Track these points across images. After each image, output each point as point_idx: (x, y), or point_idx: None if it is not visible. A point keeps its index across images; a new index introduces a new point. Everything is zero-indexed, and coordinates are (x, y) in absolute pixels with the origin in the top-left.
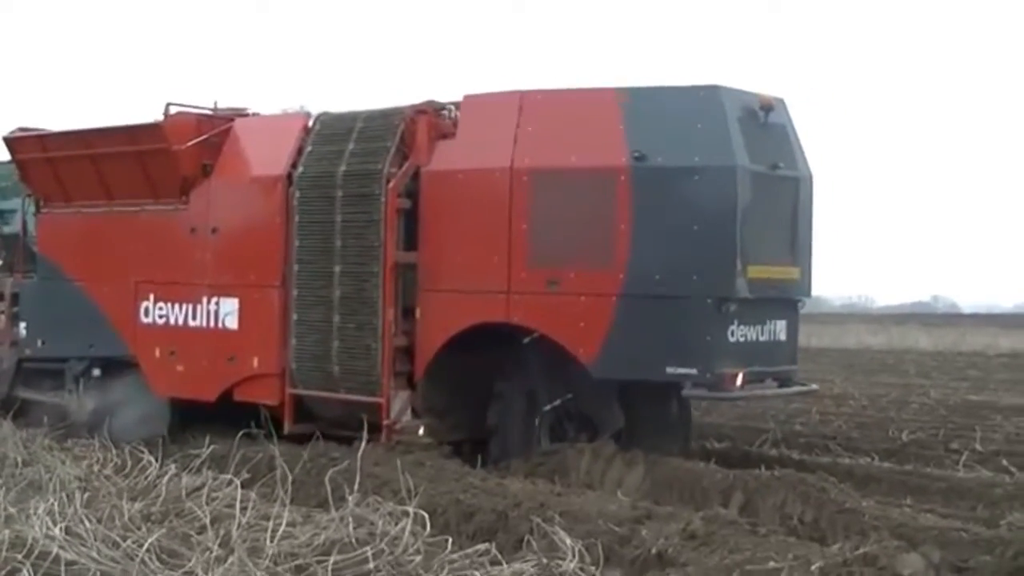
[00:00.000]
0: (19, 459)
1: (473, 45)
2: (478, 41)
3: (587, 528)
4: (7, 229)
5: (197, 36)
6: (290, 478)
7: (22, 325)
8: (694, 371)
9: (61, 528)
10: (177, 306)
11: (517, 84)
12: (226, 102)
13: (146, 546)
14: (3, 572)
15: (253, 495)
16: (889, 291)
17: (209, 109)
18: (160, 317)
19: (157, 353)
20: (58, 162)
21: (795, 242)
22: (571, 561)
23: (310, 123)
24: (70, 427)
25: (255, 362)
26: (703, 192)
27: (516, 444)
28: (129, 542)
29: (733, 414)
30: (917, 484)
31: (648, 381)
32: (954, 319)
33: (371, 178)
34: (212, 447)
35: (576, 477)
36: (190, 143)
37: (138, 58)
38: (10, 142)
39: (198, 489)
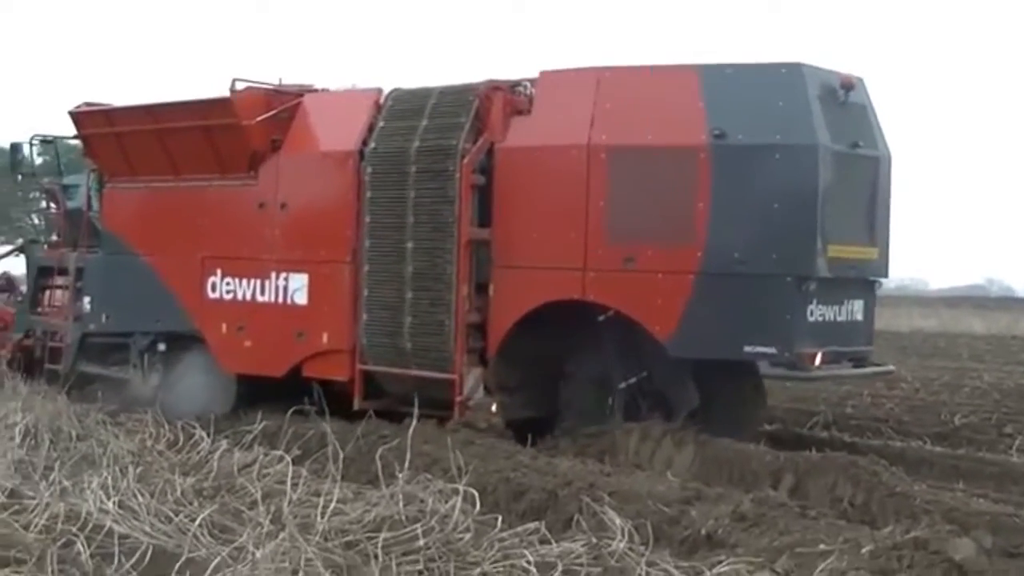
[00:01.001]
0: (74, 433)
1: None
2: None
3: (636, 508)
4: (71, 204)
5: (246, 15)
6: (341, 455)
7: (86, 300)
8: (773, 350)
9: (114, 502)
10: (245, 281)
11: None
12: (289, 79)
13: (198, 521)
14: (58, 545)
15: (304, 471)
16: (943, 273)
17: (273, 85)
18: (227, 292)
19: (224, 329)
20: (124, 137)
21: (873, 222)
22: (620, 541)
23: (381, 99)
24: (134, 402)
25: (325, 338)
26: (784, 170)
27: (590, 421)
28: (181, 517)
29: (784, 396)
30: (969, 468)
31: (725, 360)
32: (1008, 303)
33: (446, 154)
34: (264, 423)
35: (625, 457)
36: (259, 118)
37: (192, 36)
38: (76, 117)
39: (249, 465)
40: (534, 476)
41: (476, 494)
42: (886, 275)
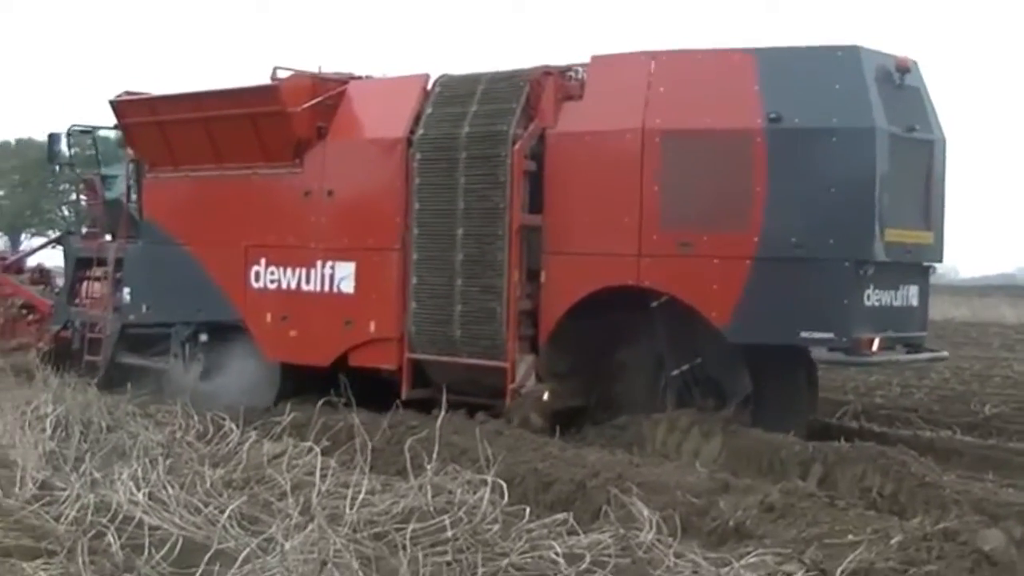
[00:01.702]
0: (104, 425)
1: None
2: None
3: (664, 499)
4: (108, 195)
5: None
6: (369, 446)
7: (126, 290)
8: (830, 335)
9: (144, 493)
10: (289, 270)
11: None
12: (328, 67)
13: (227, 512)
14: (88, 536)
15: (333, 463)
16: (974, 262)
17: (316, 73)
18: (272, 282)
19: (268, 318)
20: (166, 125)
21: (928, 206)
22: (648, 532)
23: (429, 85)
24: (175, 392)
25: (372, 326)
26: (841, 154)
27: (641, 410)
28: (211, 508)
29: None
30: (1000, 458)
31: (780, 346)
32: None
33: (497, 140)
34: (293, 415)
35: (653, 448)
36: (305, 105)
37: (202, 27)
38: (117, 106)
39: (278, 456)
40: (562, 467)
41: (504, 485)
42: (940, 260)
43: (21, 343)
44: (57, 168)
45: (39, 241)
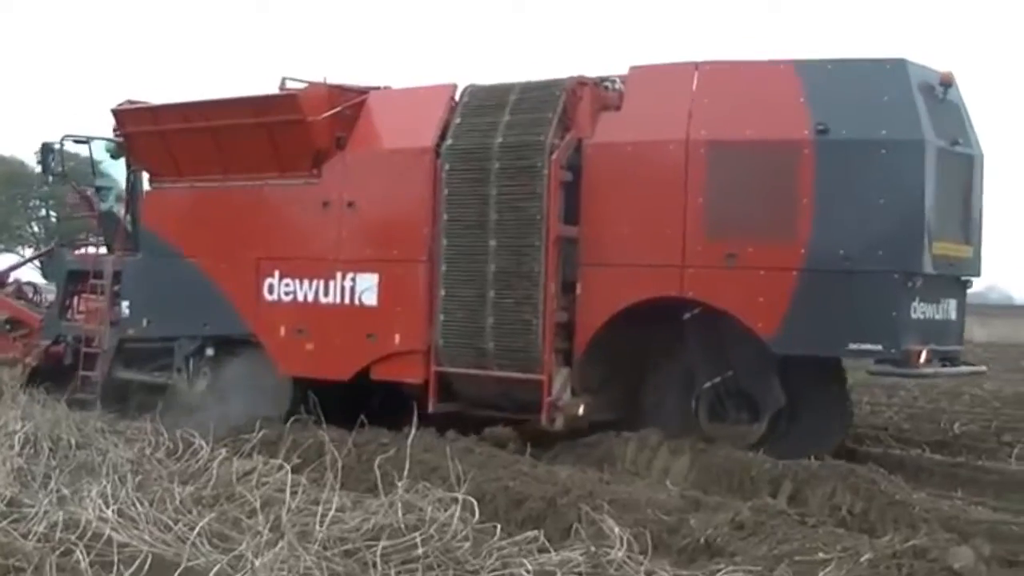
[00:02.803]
0: (73, 441)
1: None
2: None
3: (635, 517)
4: (103, 206)
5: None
6: (340, 463)
7: (124, 304)
8: (879, 347)
9: (114, 510)
10: (306, 282)
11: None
12: (333, 77)
13: (197, 529)
14: (57, 553)
15: (303, 480)
16: None
17: (328, 83)
18: (286, 294)
19: (282, 331)
20: (170, 135)
21: (968, 220)
22: (619, 550)
23: (456, 95)
24: (180, 407)
25: (397, 339)
26: (890, 166)
27: (673, 423)
28: (180, 525)
29: None
30: (968, 476)
31: (819, 360)
32: (1009, 311)
33: (532, 150)
34: (263, 432)
35: (623, 465)
36: (325, 115)
37: (193, 36)
38: (119, 115)
39: (248, 473)
40: (533, 484)
41: (475, 502)
42: (979, 274)
43: (7, 359)
44: (50, 179)
45: (7, 257)
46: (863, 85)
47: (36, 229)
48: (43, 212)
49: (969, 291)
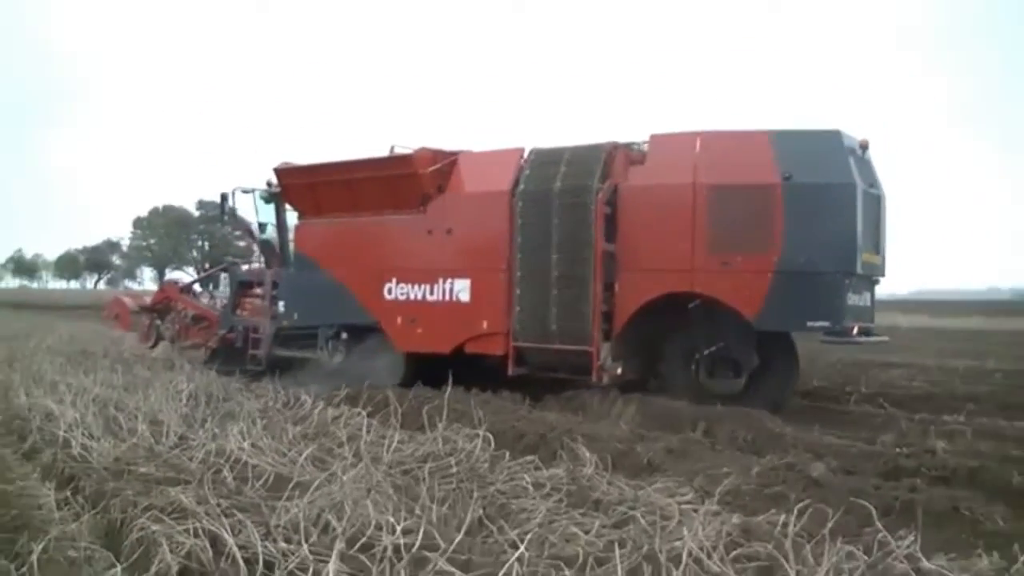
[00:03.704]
0: (220, 396)
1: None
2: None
3: (600, 445)
4: (263, 236)
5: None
6: (400, 411)
7: (280, 304)
8: (828, 323)
9: (248, 443)
10: (416, 286)
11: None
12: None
13: (304, 455)
14: (211, 471)
15: (375, 422)
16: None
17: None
18: (401, 295)
19: (399, 321)
20: (317, 185)
21: (878, 238)
22: (589, 468)
23: (524, 155)
24: (322, 374)
25: (485, 324)
26: (834, 201)
27: (680, 379)
28: (292, 452)
29: None
30: (823, 415)
31: (785, 332)
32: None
33: (585, 191)
34: (347, 390)
35: (592, 411)
36: (430, 169)
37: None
38: (279, 172)
39: (338, 418)
40: (530, 424)
41: (491, 437)
42: (884, 275)
43: (194, 343)
44: (225, 218)
45: (178, 274)
46: (812, 147)
47: (195, 254)
48: (200, 243)
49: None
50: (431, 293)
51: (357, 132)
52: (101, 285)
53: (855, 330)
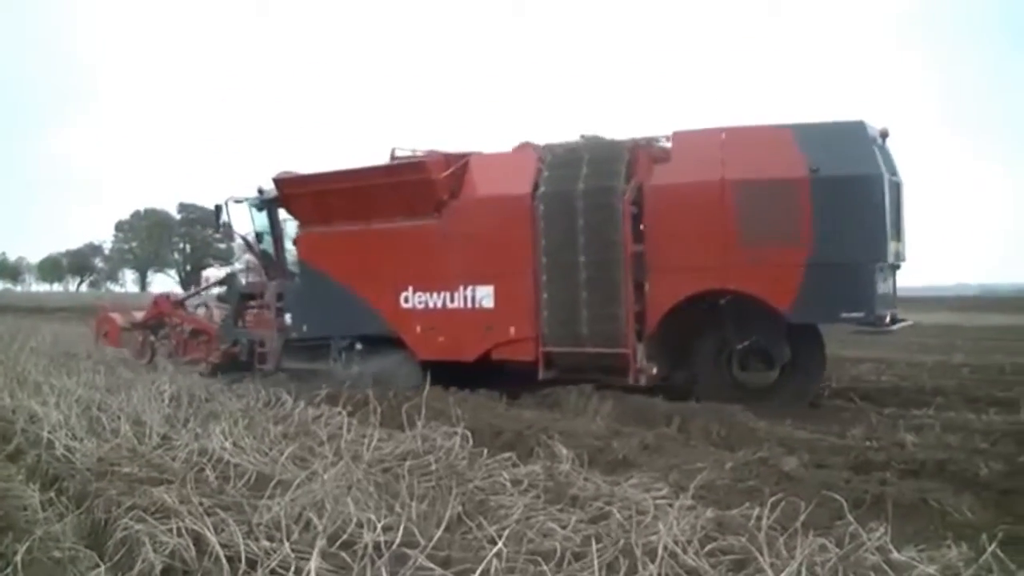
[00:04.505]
0: (203, 397)
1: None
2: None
3: (576, 442)
4: (261, 247)
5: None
6: (379, 410)
7: (287, 316)
8: (862, 314)
9: (230, 442)
10: (435, 294)
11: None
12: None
13: (285, 454)
14: (194, 470)
15: (355, 421)
16: None
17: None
18: (419, 303)
19: (418, 329)
20: (322, 193)
21: (899, 225)
22: (566, 464)
23: (539, 154)
24: (337, 384)
25: (512, 331)
26: (861, 192)
27: (713, 375)
28: (274, 451)
29: None
30: (794, 410)
31: (827, 322)
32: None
33: (610, 192)
34: (327, 390)
35: (568, 407)
36: (444, 174)
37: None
38: (279, 181)
39: (318, 417)
40: (508, 421)
41: (469, 434)
42: (905, 260)
43: (194, 358)
44: (220, 229)
45: (160, 278)
46: (837, 139)
47: (177, 257)
48: (181, 246)
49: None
50: (451, 300)
51: (349, 133)
52: (84, 288)
53: (887, 319)
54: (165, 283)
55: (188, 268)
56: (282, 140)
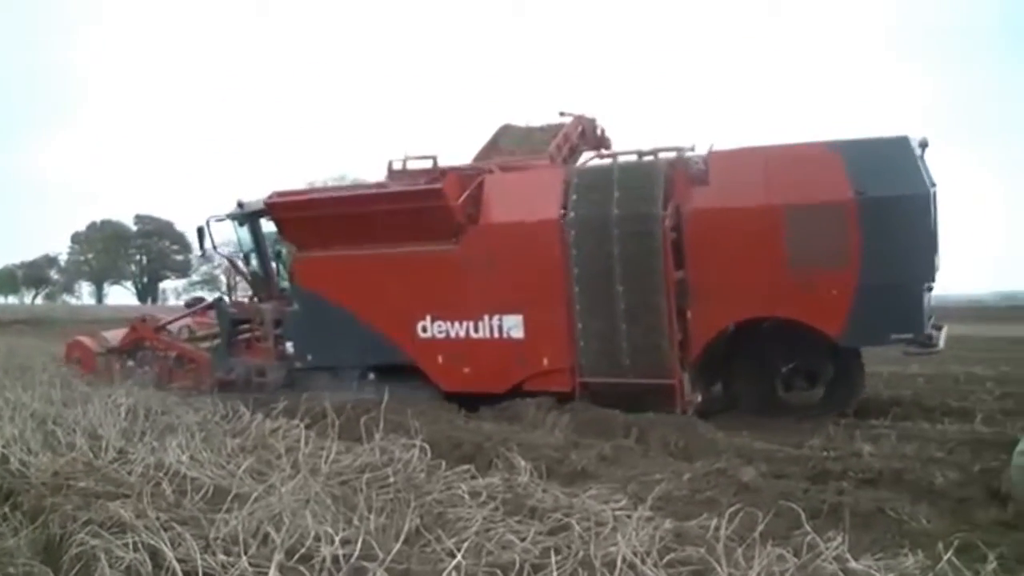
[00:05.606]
0: (159, 410)
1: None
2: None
3: (535, 453)
4: (251, 267)
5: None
6: (337, 422)
7: (288, 344)
8: (911, 335)
9: (187, 456)
10: (457, 323)
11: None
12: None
13: (243, 468)
14: (150, 484)
15: (313, 434)
16: None
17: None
18: (440, 332)
19: (440, 360)
20: (324, 219)
21: (937, 235)
22: (524, 476)
23: (565, 176)
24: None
25: (545, 361)
26: (909, 212)
27: (759, 397)
28: (231, 464)
29: None
30: (752, 421)
31: (877, 345)
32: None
33: (649, 219)
34: (284, 403)
35: (526, 420)
36: (462, 198)
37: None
38: (273, 205)
39: (276, 430)
40: (466, 433)
41: (428, 447)
42: (940, 269)
43: (182, 386)
44: (203, 252)
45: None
46: (883, 157)
47: (134, 269)
48: (138, 258)
49: None
50: (475, 330)
51: (342, 134)
52: (39, 300)
53: (934, 338)
54: (122, 295)
55: (145, 280)
56: (249, 144)
